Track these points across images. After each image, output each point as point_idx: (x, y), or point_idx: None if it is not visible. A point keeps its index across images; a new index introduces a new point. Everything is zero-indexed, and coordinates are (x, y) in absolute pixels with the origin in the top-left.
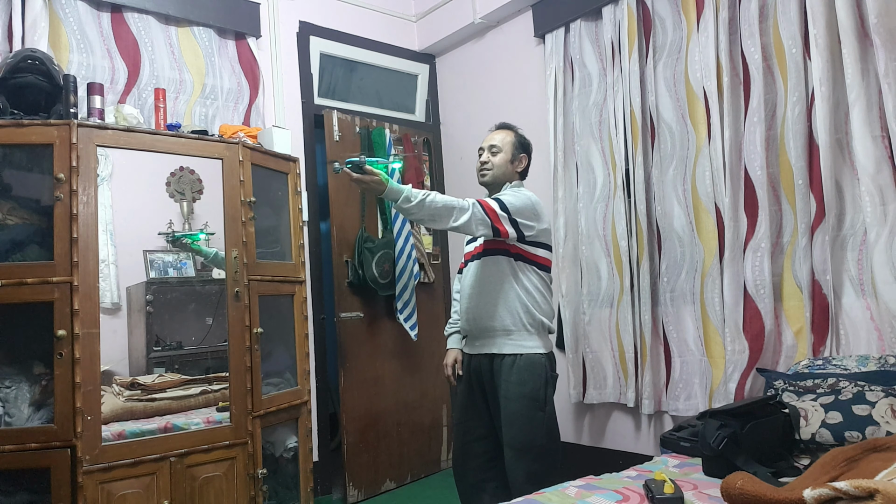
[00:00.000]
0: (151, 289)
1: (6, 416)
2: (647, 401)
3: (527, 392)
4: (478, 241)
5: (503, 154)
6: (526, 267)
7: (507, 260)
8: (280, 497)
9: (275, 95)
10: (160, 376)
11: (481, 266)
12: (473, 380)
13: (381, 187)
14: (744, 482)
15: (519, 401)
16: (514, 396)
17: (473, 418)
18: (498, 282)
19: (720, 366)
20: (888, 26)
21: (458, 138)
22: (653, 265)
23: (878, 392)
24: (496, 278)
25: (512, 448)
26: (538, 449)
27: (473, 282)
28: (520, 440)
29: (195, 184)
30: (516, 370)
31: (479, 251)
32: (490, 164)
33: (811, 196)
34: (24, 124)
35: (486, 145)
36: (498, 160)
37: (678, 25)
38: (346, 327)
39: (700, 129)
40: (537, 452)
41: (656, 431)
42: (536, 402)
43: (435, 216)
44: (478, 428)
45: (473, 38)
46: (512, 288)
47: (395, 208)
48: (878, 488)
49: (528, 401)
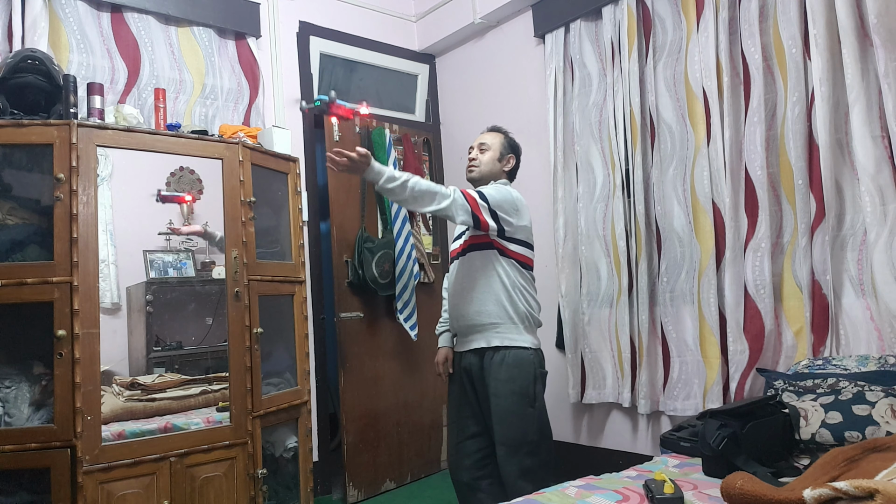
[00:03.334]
0: (151, 289)
1: (6, 416)
2: (645, 400)
3: (516, 389)
4: (461, 239)
5: (491, 152)
6: (507, 262)
7: (490, 254)
8: (280, 497)
9: (275, 95)
10: (160, 376)
11: (465, 262)
12: (465, 378)
13: (365, 163)
14: (744, 482)
15: (509, 397)
16: (503, 393)
17: (466, 417)
18: (482, 276)
19: (714, 366)
20: (888, 26)
21: (458, 138)
22: (651, 265)
23: (878, 392)
24: (480, 273)
25: (504, 445)
26: (530, 445)
27: (458, 278)
28: (511, 437)
29: (195, 184)
30: (505, 367)
31: (463, 248)
32: (478, 161)
33: (811, 196)
34: (24, 124)
35: (476, 143)
36: (486, 157)
37: (678, 25)
38: (346, 327)
39: (699, 130)
40: (529, 448)
41: (656, 431)
42: (526, 398)
43: (418, 198)
44: (471, 426)
45: (473, 38)
46: (496, 282)
47: (378, 188)
48: (878, 488)
49: (518, 397)
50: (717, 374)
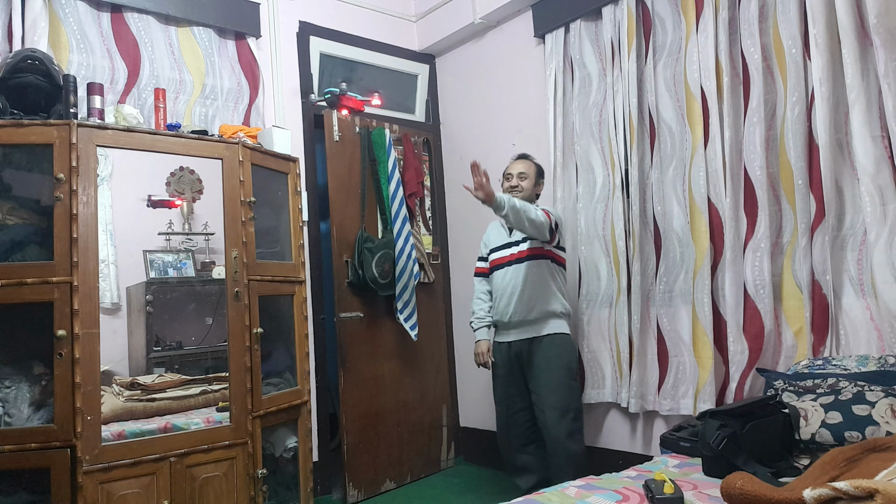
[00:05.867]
0: (151, 289)
1: (6, 416)
2: (643, 400)
3: (563, 364)
4: (515, 248)
5: (529, 180)
6: (555, 267)
7: (545, 262)
8: (280, 497)
9: (275, 95)
10: (160, 376)
11: (525, 269)
12: (514, 362)
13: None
14: (744, 482)
15: (558, 371)
16: (553, 367)
17: (514, 395)
18: (541, 280)
19: (707, 366)
20: (888, 26)
21: (458, 138)
22: (644, 265)
23: (877, 392)
24: (539, 278)
25: (555, 409)
26: (574, 411)
27: (518, 282)
28: (561, 403)
29: (195, 184)
30: (554, 346)
31: (522, 256)
32: (520, 188)
33: (811, 196)
34: (24, 124)
35: (515, 172)
36: (526, 184)
37: (678, 25)
38: (346, 327)
39: (696, 130)
40: (574, 414)
41: (656, 431)
42: (570, 372)
43: (519, 210)
44: (517, 403)
45: (473, 38)
46: (548, 285)
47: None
48: (878, 488)
49: (566, 370)
50: (709, 375)
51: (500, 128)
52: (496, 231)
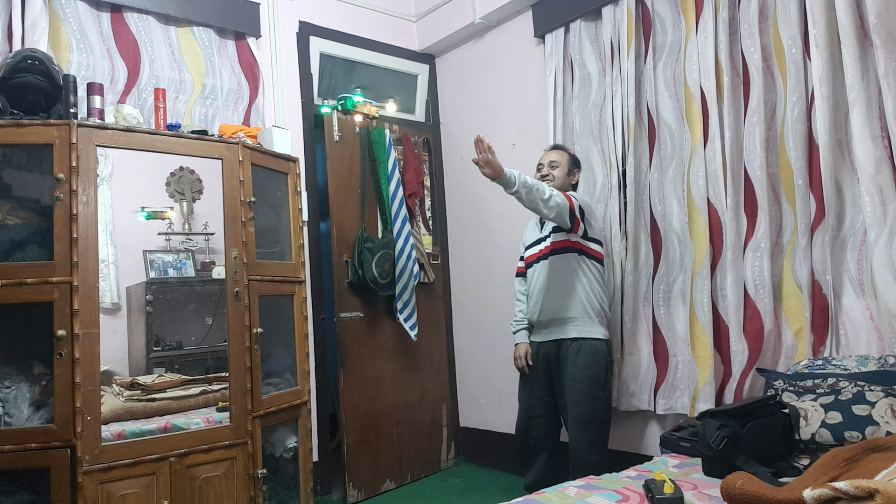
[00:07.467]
0: (151, 289)
1: (6, 416)
2: (643, 400)
3: (590, 374)
4: (541, 245)
5: (561, 168)
6: (587, 261)
7: (573, 256)
8: (280, 497)
9: (275, 95)
10: (160, 376)
11: (550, 264)
12: (541, 365)
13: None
14: (744, 482)
15: (584, 382)
16: (579, 378)
17: (536, 398)
18: (566, 276)
19: (706, 366)
20: (888, 26)
21: (458, 138)
22: (638, 264)
23: (877, 392)
24: (564, 273)
25: (577, 422)
26: (599, 422)
27: (543, 278)
28: (585, 415)
29: (195, 184)
30: (581, 356)
31: (547, 251)
32: (551, 177)
33: (811, 196)
34: (24, 124)
35: (546, 161)
36: (557, 173)
37: (678, 25)
38: (346, 327)
39: (695, 130)
40: (598, 425)
41: (656, 431)
42: (598, 382)
43: (531, 188)
44: (539, 407)
45: (473, 38)
46: (578, 281)
47: (509, 190)
48: (878, 488)
49: (592, 382)
50: (709, 374)
51: (500, 128)
52: (531, 228)
